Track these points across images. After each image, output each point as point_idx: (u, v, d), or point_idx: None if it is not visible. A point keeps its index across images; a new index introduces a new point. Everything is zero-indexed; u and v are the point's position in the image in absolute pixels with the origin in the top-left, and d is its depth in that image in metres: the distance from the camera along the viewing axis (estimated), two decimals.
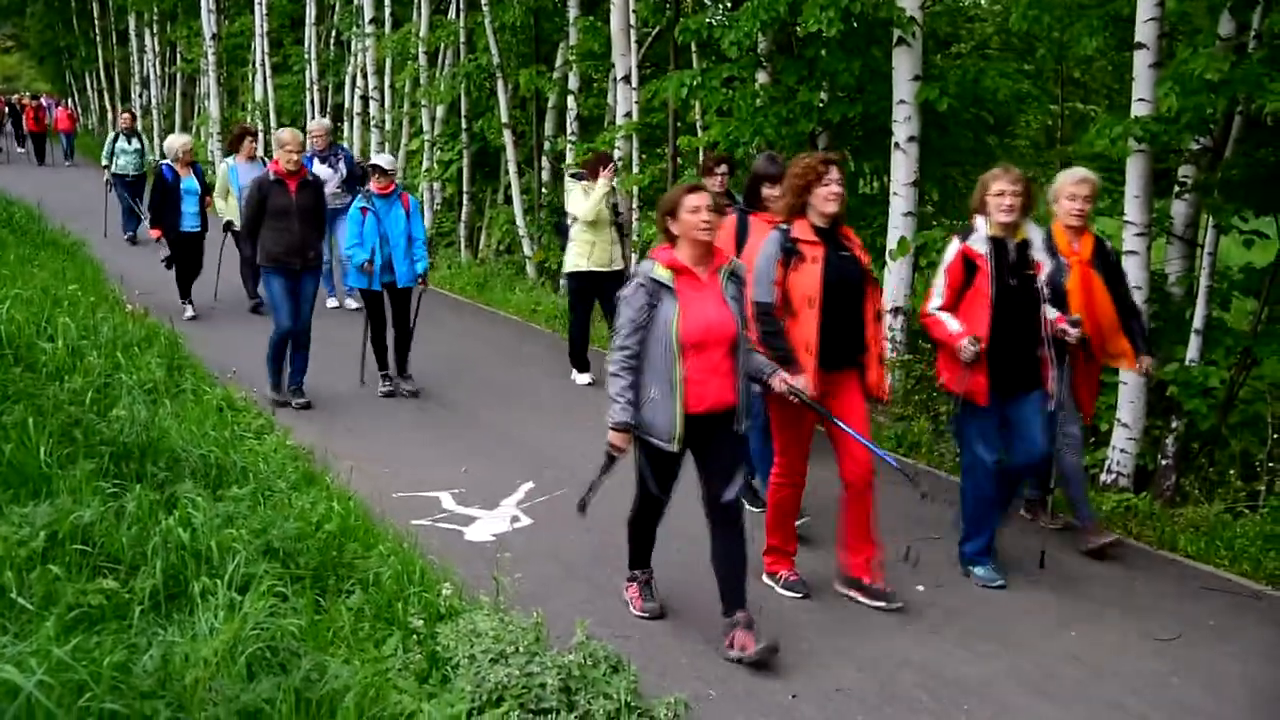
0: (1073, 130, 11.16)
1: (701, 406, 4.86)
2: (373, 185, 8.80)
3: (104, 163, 17.12)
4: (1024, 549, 6.22)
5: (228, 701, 3.37)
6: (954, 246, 5.73)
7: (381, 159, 9.14)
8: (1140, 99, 7.23)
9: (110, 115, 39.46)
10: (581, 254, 9.26)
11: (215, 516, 4.85)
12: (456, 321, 12.31)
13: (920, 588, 5.76)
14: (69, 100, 42.16)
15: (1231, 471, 7.38)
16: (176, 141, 11.89)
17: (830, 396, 5.42)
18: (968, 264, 5.65)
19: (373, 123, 18.57)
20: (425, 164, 17.20)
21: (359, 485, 6.51)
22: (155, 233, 11.45)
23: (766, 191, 6.51)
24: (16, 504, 4.41)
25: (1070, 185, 6.28)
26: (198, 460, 5.86)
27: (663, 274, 4.84)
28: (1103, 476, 7.52)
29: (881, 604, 5.48)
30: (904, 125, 9.10)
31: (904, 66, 9.03)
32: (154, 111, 32.64)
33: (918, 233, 9.25)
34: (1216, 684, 4.88)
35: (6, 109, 34.47)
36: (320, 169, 11.46)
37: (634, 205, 12.82)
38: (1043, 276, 5.69)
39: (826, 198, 5.35)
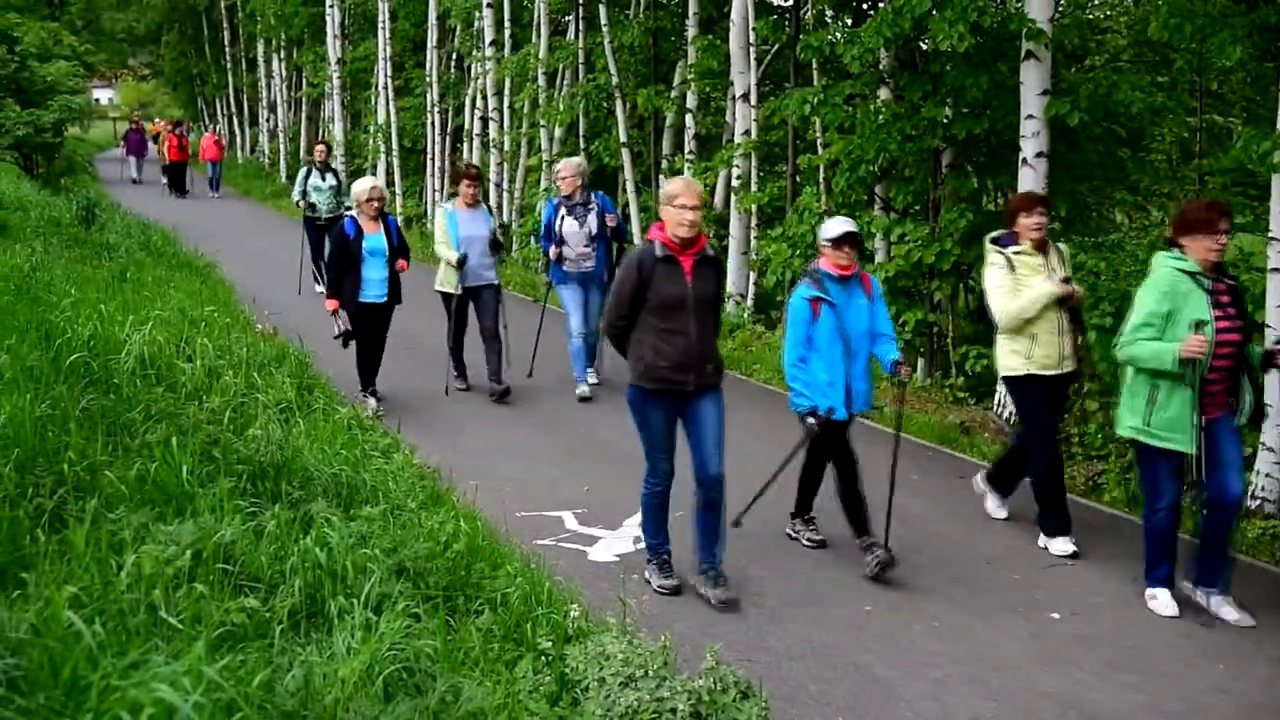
0: (1209, 144, 10.83)
1: None
2: (826, 262, 6.08)
3: (296, 199, 14.91)
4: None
5: None
6: None
7: (840, 223, 6.15)
8: None
9: (240, 139, 40.80)
10: (1018, 349, 6.48)
11: (349, 536, 4.92)
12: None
13: (1055, 615, 5.60)
14: (215, 126, 42.75)
15: None
16: (360, 186, 9.18)
17: None
18: None
19: (492, 143, 18.85)
20: (543, 183, 17.40)
21: (483, 504, 6.57)
22: (332, 304, 8.84)
23: None
24: (162, 522, 4.54)
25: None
26: (329, 479, 5.96)
27: None
28: (1247, 502, 7.23)
29: None
30: (1032, 141, 8.90)
31: (1032, 80, 8.84)
32: (280, 135, 33.62)
33: None
34: None
35: (140, 136, 33.18)
36: (566, 223, 9.57)
37: (753, 224, 12.79)
38: None
39: None
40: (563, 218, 9.58)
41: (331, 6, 24.80)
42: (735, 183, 12.89)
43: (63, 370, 6.26)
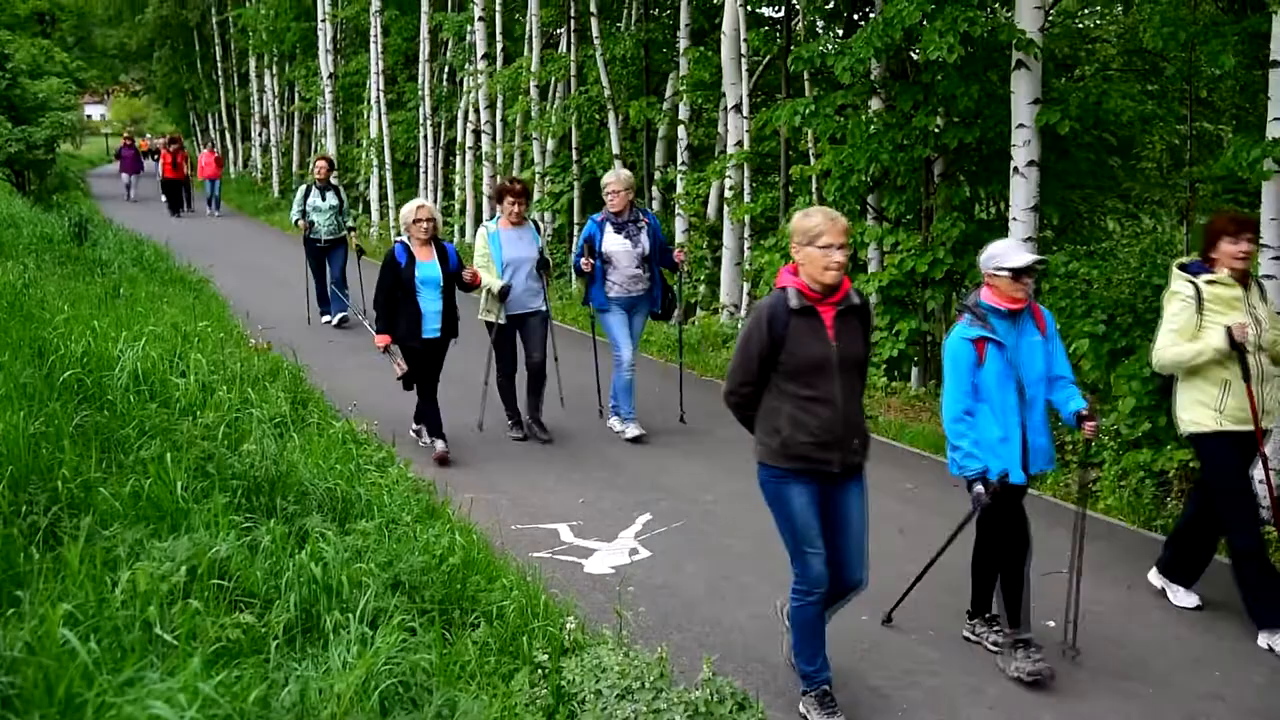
0: (1200, 152, 10.90)
1: None
2: (991, 294, 5.00)
3: (294, 219, 13.55)
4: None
5: None
6: None
7: (1020, 249, 5.18)
8: (1276, 118, 6.99)
9: (233, 154, 40.78)
10: (1204, 400, 5.46)
11: (344, 550, 4.92)
12: (574, 353, 12.24)
13: (1050, 623, 5.60)
14: (212, 142, 42.27)
15: None
16: (407, 207, 8.25)
17: None
18: None
19: (485, 156, 18.87)
20: (536, 195, 17.42)
21: (478, 517, 6.57)
22: (383, 340, 7.94)
23: None
24: (157, 539, 4.53)
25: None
26: (324, 494, 5.96)
27: None
28: None
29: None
30: (1023, 149, 8.92)
31: (1023, 90, 8.87)
32: (273, 150, 33.64)
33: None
34: None
35: (134, 153, 32.60)
36: (613, 242, 8.53)
37: (746, 235, 12.81)
38: None
39: None
40: (608, 236, 8.54)
41: (323, 21, 24.83)
42: (728, 193, 12.91)
43: (56, 387, 6.26)
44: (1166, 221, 12.46)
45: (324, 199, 13.19)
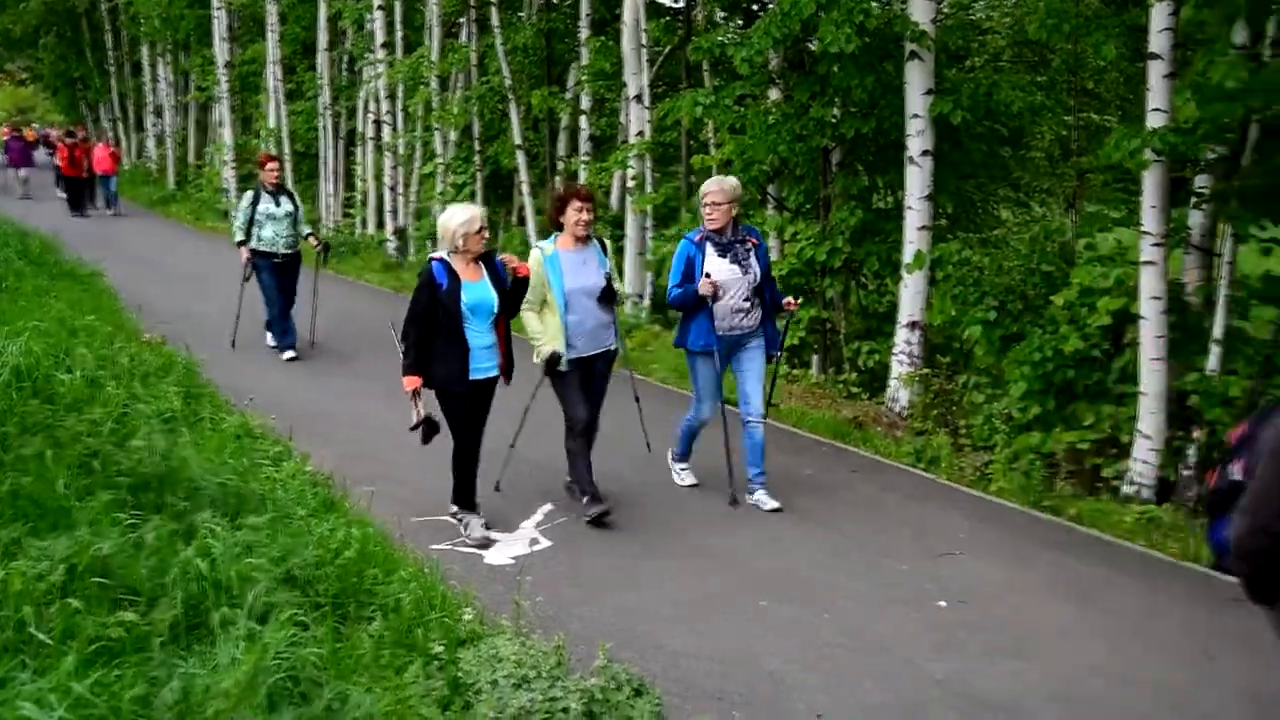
0: (1087, 141, 11.22)
1: None
2: None
3: (238, 237, 10.99)
4: (1047, 562, 6.19)
5: None
6: None
7: None
8: (1155, 109, 7.21)
9: (126, 144, 39.62)
10: None
11: (234, 545, 4.82)
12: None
13: (943, 604, 5.72)
14: (108, 135, 39.91)
15: None
16: (458, 217, 6.42)
17: None
18: None
19: (386, 147, 18.64)
20: (439, 187, 17.26)
21: (379, 510, 6.48)
22: (414, 382, 6.33)
23: None
24: (35, 537, 4.39)
25: None
26: (216, 489, 5.82)
27: None
28: (1124, 488, 7.47)
29: None
30: (917, 139, 9.08)
31: (917, 80, 9.02)
32: (168, 140, 32.85)
33: (934, 246, 9.23)
34: (1244, 694, 4.83)
35: (22, 144, 30.74)
36: (718, 267, 6.80)
37: (648, 225, 12.84)
38: None
39: None
40: (710, 260, 6.85)
41: (219, 9, 24.30)
42: (630, 184, 12.92)
43: None
44: (1055, 209, 12.81)
45: (278, 204, 10.93)
